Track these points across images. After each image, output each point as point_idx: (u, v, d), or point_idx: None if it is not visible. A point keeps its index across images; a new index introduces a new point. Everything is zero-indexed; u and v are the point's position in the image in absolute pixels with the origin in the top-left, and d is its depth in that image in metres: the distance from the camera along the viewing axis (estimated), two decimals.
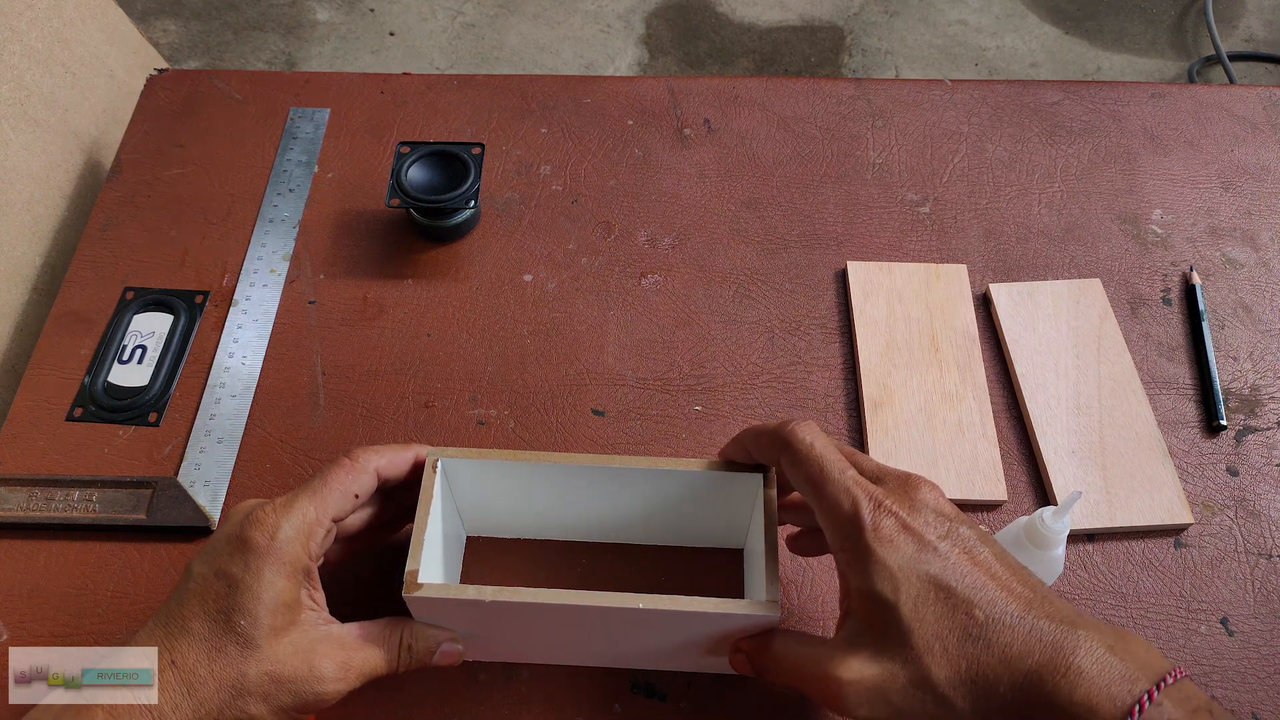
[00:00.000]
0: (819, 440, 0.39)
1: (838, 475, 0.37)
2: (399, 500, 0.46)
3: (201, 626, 0.38)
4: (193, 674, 0.37)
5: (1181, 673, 0.33)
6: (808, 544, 0.46)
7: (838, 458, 0.38)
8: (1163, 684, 0.32)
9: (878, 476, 0.39)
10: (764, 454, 0.42)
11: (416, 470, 0.44)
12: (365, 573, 0.49)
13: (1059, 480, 0.53)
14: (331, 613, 0.42)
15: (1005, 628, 0.34)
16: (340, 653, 0.40)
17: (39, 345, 0.59)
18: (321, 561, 0.41)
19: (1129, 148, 0.68)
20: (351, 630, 0.41)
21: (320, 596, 0.42)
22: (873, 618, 0.35)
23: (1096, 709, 0.32)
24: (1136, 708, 0.31)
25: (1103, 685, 0.32)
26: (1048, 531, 0.43)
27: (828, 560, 0.51)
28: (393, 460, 0.43)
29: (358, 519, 0.44)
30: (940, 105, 0.71)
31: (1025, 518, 0.45)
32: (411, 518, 0.42)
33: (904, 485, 0.38)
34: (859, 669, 0.35)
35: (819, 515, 0.38)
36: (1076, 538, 0.52)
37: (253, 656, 0.38)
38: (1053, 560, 0.45)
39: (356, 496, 0.42)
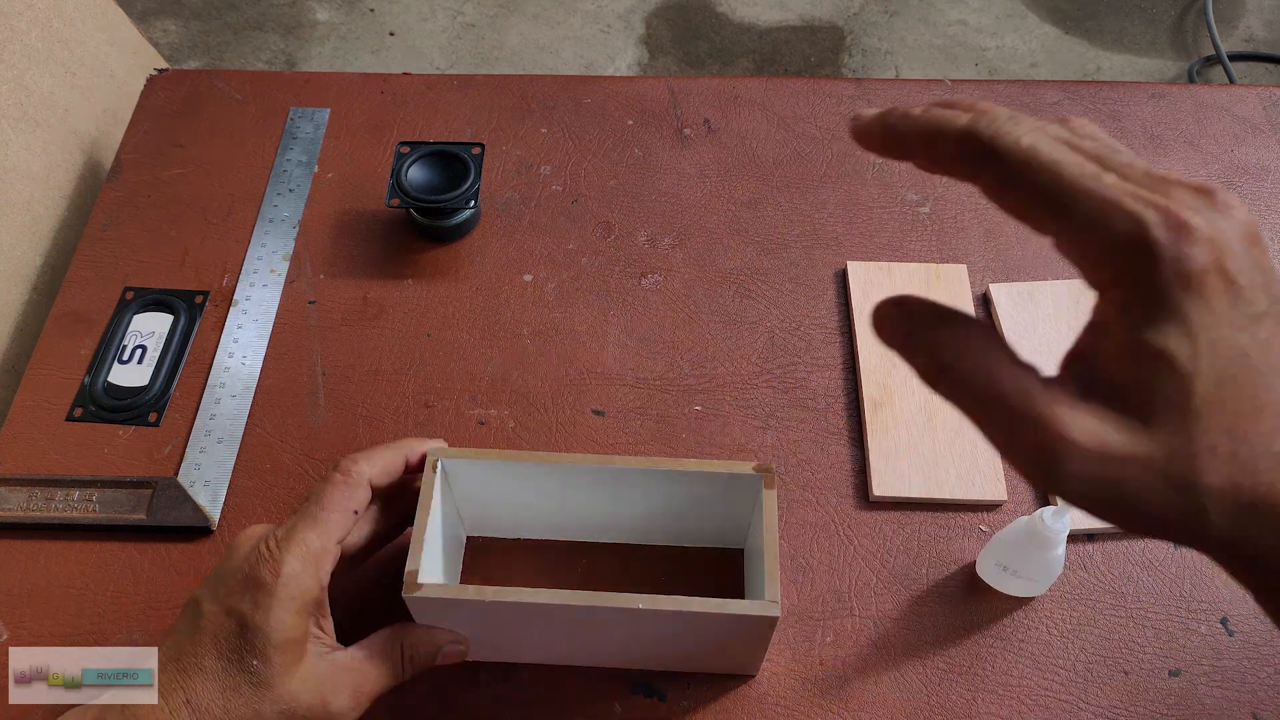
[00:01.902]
0: (1041, 140, 0.25)
1: (1093, 183, 0.24)
2: (398, 507, 0.45)
3: (214, 665, 0.38)
4: (209, 713, 0.37)
5: None
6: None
7: (1078, 160, 0.25)
8: None
9: (1153, 183, 0.25)
10: (940, 160, 0.27)
11: (411, 471, 0.44)
12: (365, 573, 0.49)
13: None
14: (333, 611, 0.42)
15: None
16: (350, 681, 0.40)
17: (39, 345, 0.59)
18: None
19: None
20: (356, 654, 0.41)
21: (328, 624, 0.41)
22: (1143, 380, 0.24)
23: None
24: None
25: None
26: (1048, 531, 0.43)
27: (828, 560, 0.51)
28: (384, 466, 0.43)
29: (359, 534, 0.44)
30: None
31: (1025, 518, 0.45)
32: (411, 524, 0.42)
33: (1209, 201, 0.26)
34: (1097, 431, 0.24)
35: (1065, 241, 0.25)
36: (1076, 537, 0.52)
37: (267, 696, 0.38)
38: (1053, 560, 0.45)
39: (355, 513, 0.41)
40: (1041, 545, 0.44)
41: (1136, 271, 0.24)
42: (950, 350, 0.26)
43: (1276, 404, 0.24)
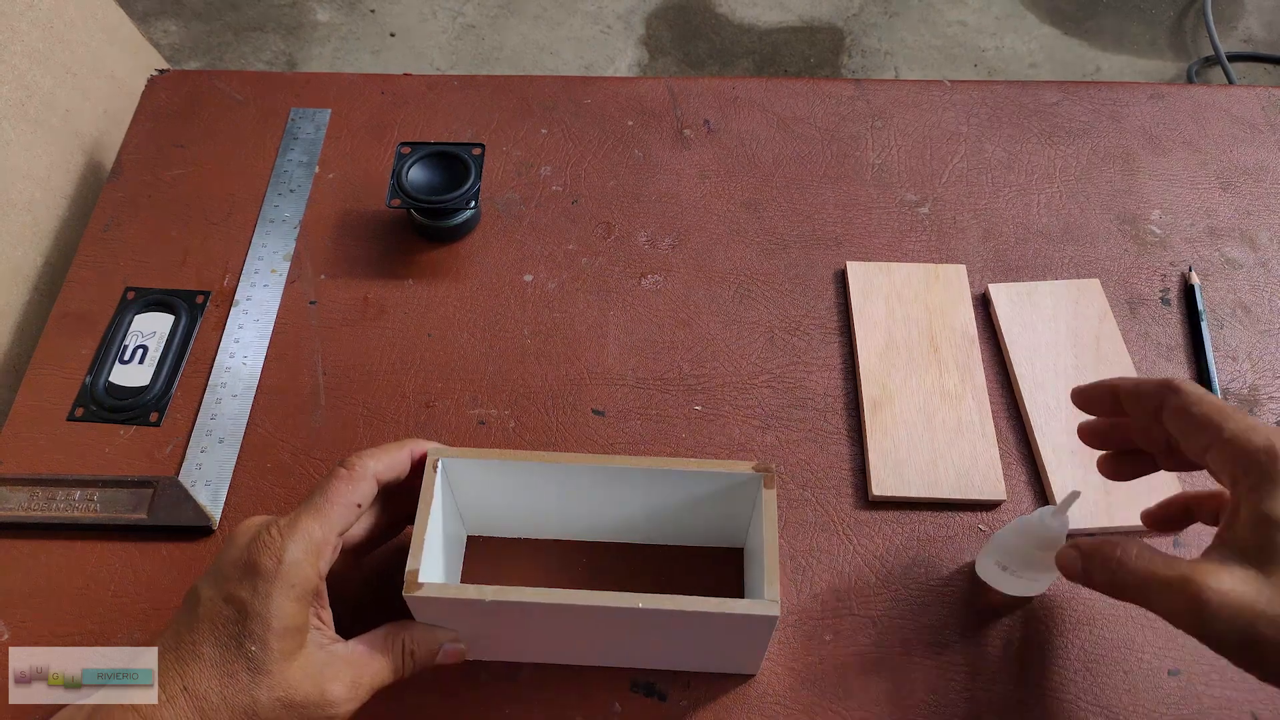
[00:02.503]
0: (1206, 392, 0.39)
1: (1241, 416, 0.37)
2: (399, 504, 0.45)
3: (212, 652, 0.38)
4: (205, 700, 0.37)
5: None
6: (1122, 467, 0.45)
7: (1227, 405, 0.39)
8: None
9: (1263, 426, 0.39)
10: (1140, 404, 0.41)
11: (415, 469, 0.44)
12: (365, 573, 0.49)
13: (1058, 480, 0.53)
14: (333, 611, 0.42)
15: None
16: (349, 672, 0.40)
17: (40, 345, 0.60)
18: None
19: (1128, 148, 0.68)
20: (356, 647, 0.41)
21: (327, 615, 0.42)
22: (1265, 540, 0.34)
23: None
24: None
25: None
26: (1046, 531, 0.43)
27: (828, 560, 0.52)
28: (390, 463, 0.43)
29: (360, 528, 0.44)
30: (939, 106, 0.71)
31: (1024, 517, 0.45)
32: (412, 520, 0.42)
33: None
34: (1232, 583, 0.34)
35: (1214, 452, 0.37)
36: (1076, 538, 0.52)
37: (264, 682, 0.38)
38: (1052, 560, 0.45)
39: (359, 506, 0.42)
40: (1041, 545, 0.44)
41: (1265, 468, 0.35)
42: (1105, 557, 0.38)
43: None
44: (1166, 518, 0.46)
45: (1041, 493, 0.54)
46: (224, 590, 0.38)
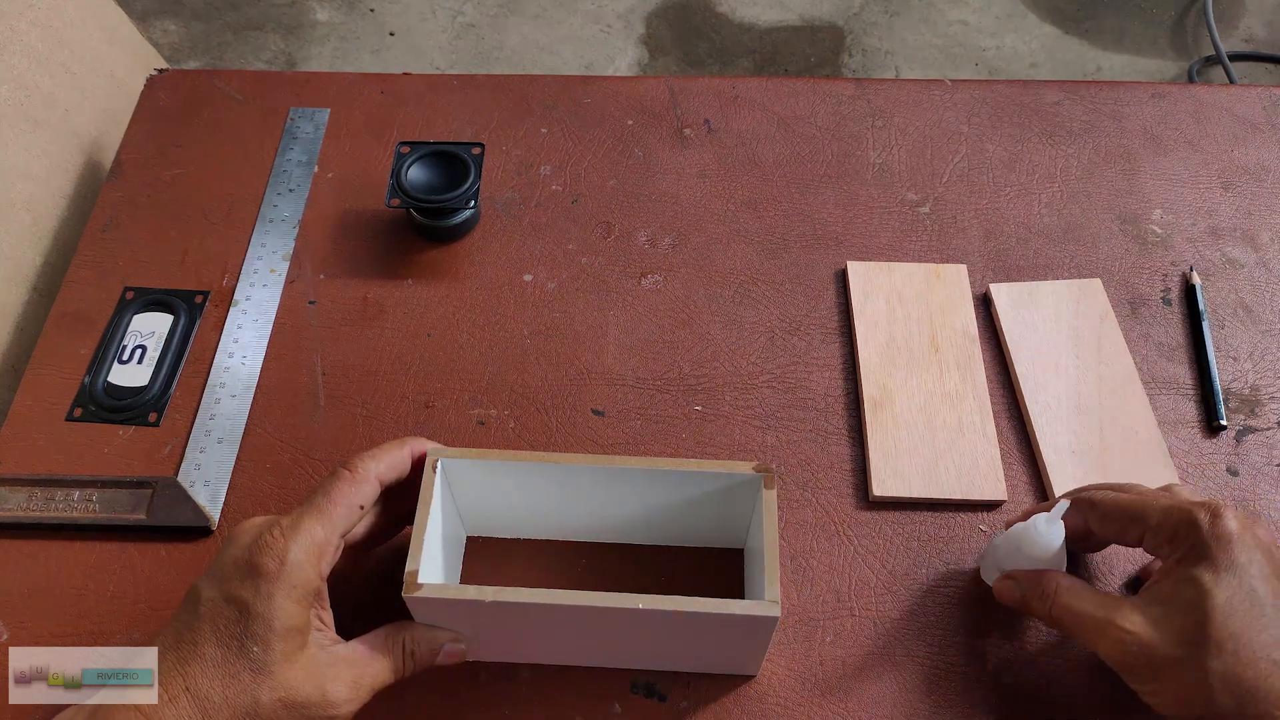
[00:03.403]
0: (1114, 494, 0.44)
1: (1154, 499, 0.43)
2: (399, 504, 0.45)
3: (214, 652, 0.38)
4: (207, 700, 0.37)
5: None
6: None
7: (1137, 497, 0.44)
8: None
9: (1185, 496, 0.44)
10: (1106, 527, 0.44)
11: (416, 468, 0.44)
12: (365, 573, 0.49)
13: (1059, 480, 0.53)
14: (334, 613, 0.42)
15: None
16: (349, 673, 0.40)
17: (39, 345, 0.59)
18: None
19: (1129, 148, 0.68)
20: (356, 647, 0.41)
21: (328, 615, 0.42)
22: (1181, 595, 0.39)
23: None
24: None
25: None
26: (1040, 538, 0.44)
27: (828, 560, 0.51)
28: (391, 463, 0.43)
29: (360, 527, 0.44)
30: (940, 105, 0.71)
31: (1020, 524, 0.45)
32: (412, 520, 0.42)
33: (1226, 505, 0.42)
34: (1140, 623, 0.39)
35: (1149, 538, 0.42)
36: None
37: (266, 683, 0.38)
38: (1051, 562, 0.45)
39: (361, 508, 0.41)
40: (1036, 551, 0.44)
41: (1191, 539, 0.40)
42: (1041, 593, 0.44)
43: (1274, 629, 0.38)
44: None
45: (1042, 493, 0.54)
46: (225, 590, 0.38)
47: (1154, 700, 0.40)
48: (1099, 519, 0.44)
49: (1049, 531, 0.43)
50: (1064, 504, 0.44)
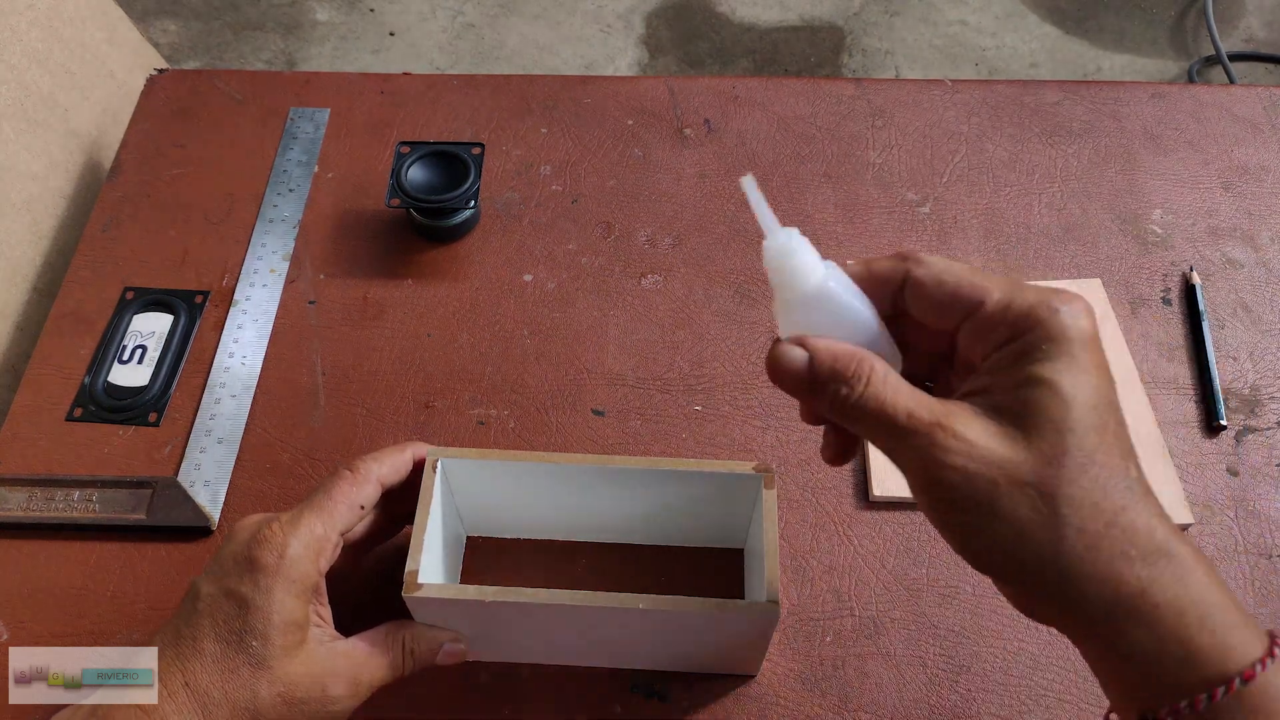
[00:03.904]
0: (952, 261, 0.32)
1: (1000, 278, 0.31)
2: (399, 504, 0.45)
3: (213, 647, 0.38)
4: (207, 696, 0.37)
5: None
6: (841, 449, 0.35)
7: (980, 270, 0.32)
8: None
9: (1030, 286, 0.32)
10: (881, 289, 0.33)
11: (417, 471, 0.44)
12: (365, 573, 0.49)
13: None
14: (333, 611, 0.42)
15: (1153, 500, 0.29)
16: (349, 669, 0.40)
17: (39, 345, 0.59)
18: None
19: (1129, 148, 0.68)
20: (356, 644, 0.41)
21: (326, 612, 0.42)
22: (1032, 405, 0.29)
23: (1241, 620, 0.28)
24: (1275, 647, 0.28)
25: (1236, 601, 0.29)
26: (779, 258, 0.33)
27: (828, 560, 0.51)
28: (393, 466, 0.43)
29: (360, 527, 0.44)
30: (940, 105, 0.71)
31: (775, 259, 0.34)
32: (412, 520, 0.42)
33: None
34: (981, 432, 0.29)
35: (975, 322, 0.31)
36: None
37: (265, 678, 0.38)
38: (828, 311, 0.32)
39: (362, 508, 0.42)
40: (791, 283, 0.33)
41: (1043, 327, 0.29)
42: (861, 387, 0.30)
43: (1123, 444, 0.29)
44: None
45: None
46: (224, 586, 0.38)
47: (980, 544, 0.29)
48: (917, 285, 0.32)
49: (782, 245, 0.33)
50: (749, 180, 0.33)
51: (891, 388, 0.30)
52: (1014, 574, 0.29)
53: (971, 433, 0.29)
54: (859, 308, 0.32)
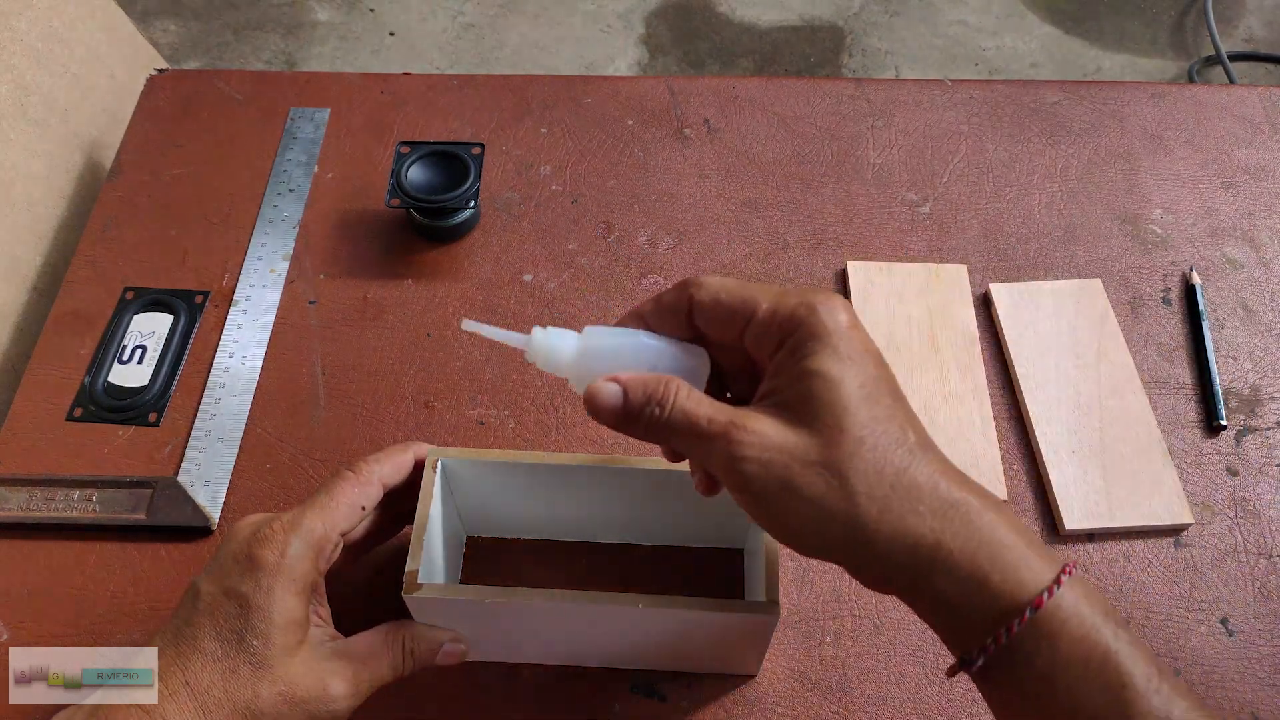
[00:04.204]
0: (726, 278, 0.36)
1: (768, 287, 0.35)
2: (399, 504, 0.45)
3: (214, 646, 0.38)
4: (207, 695, 0.37)
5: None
6: (710, 479, 0.37)
7: (751, 282, 0.36)
8: (1074, 566, 0.32)
9: (795, 287, 0.36)
10: (670, 319, 0.37)
11: (418, 471, 0.44)
12: (365, 573, 0.49)
13: (1058, 479, 0.53)
14: (333, 612, 0.42)
15: (937, 457, 0.33)
16: (349, 668, 0.40)
17: (39, 345, 0.59)
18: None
19: (1129, 148, 0.68)
20: (356, 644, 0.41)
21: (326, 611, 0.42)
22: (809, 396, 0.32)
23: (1028, 557, 0.31)
24: (1067, 570, 0.31)
25: (1028, 540, 0.32)
26: (539, 356, 0.36)
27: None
28: (395, 466, 0.43)
29: (360, 528, 0.44)
30: (940, 105, 0.71)
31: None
32: (412, 520, 0.42)
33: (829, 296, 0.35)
34: (770, 425, 0.32)
35: (754, 329, 0.34)
36: (1076, 537, 0.52)
37: (266, 677, 0.38)
38: (603, 360, 0.36)
39: (363, 509, 0.41)
40: (642, 350, 0.36)
41: (806, 326, 0.33)
42: (667, 408, 0.34)
43: (899, 414, 0.33)
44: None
45: (1043, 492, 0.54)
46: (224, 585, 0.38)
47: (792, 527, 0.32)
48: (698, 307, 0.35)
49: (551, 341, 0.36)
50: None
51: (694, 401, 0.33)
52: (830, 549, 0.32)
53: (763, 428, 0.32)
54: (628, 343, 0.36)
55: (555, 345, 0.36)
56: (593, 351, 0.36)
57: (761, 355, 0.35)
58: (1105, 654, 0.30)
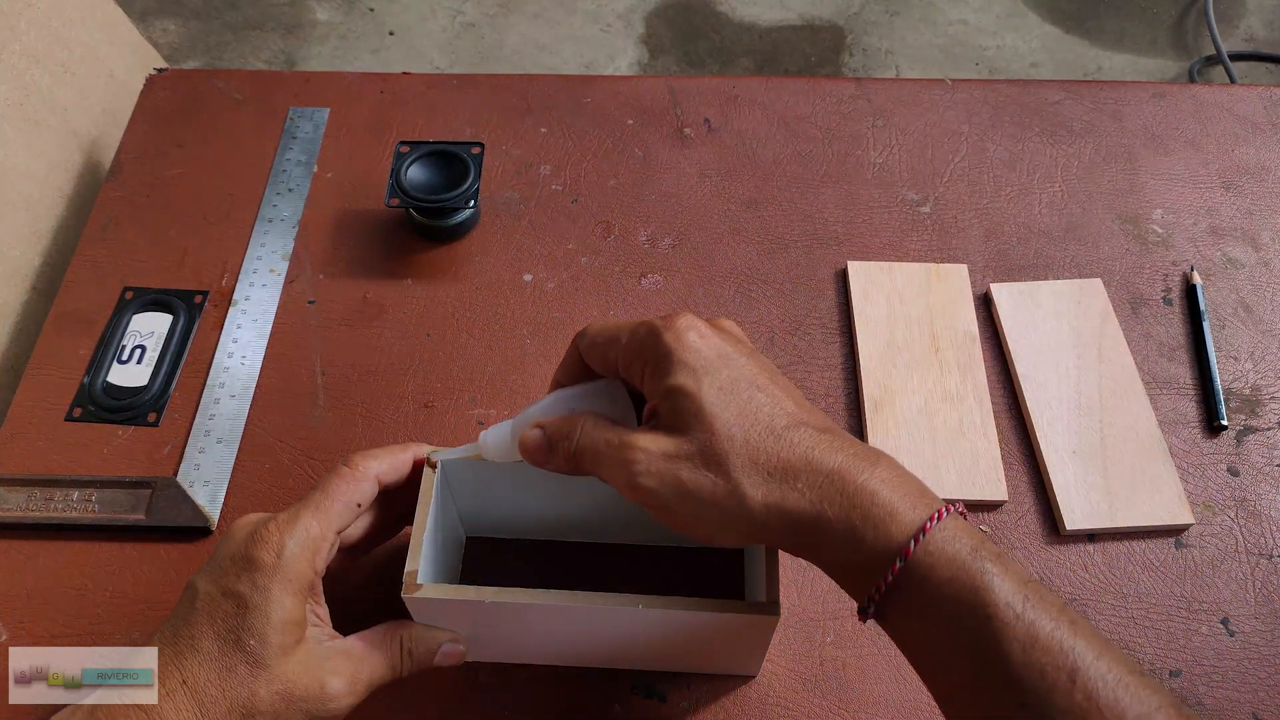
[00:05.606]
0: (606, 321, 0.41)
1: (634, 322, 0.39)
2: (398, 505, 0.45)
3: (211, 646, 0.38)
4: (204, 694, 0.37)
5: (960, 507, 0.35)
6: None
7: (613, 323, 0.40)
8: (950, 508, 0.34)
9: (649, 318, 0.40)
10: (574, 373, 0.42)
11: (416, 471, 0.44)
12: (364, 573, 0.49)
13: (1059, 480, 0.53)
14: (332, 613, 0.42)
15: (808, 433, 0.35)
16: (347, 667, 0.40)
17: (39, 345, 0.59)
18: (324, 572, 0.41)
19: (1130, 147, 0.68)
20: (354, 643, 0.41)
21: (324, 611, 0.42)
22: (676, 410, 0.36)
23: (896, 511, 0.34)
24: (937, 515, 0.33)
25: (902, 493, 0.34)
26: (492, 453, 0.41)
27: None
28: (392, 464, 0.43)
29: (358, 528, 0.44)
30: (941, 105, 0.71)
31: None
32: (411, 521, 0.42)
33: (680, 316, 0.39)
34: (656, 443, 0.36)
35: (622, 360, 0.39)
36: (1077, 538, 0.52)
37: (263, 676, 0.37)
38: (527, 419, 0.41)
39: (359, 506, 0.41)
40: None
41: (652, 344, 0.37)
42: (574, 440, 0.38)
43: (764, 403, 0.36)
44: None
45: (1043, 492, 0.54)
46: (222, 584, 0.38)
47: (695, 526, 0.36)
48: (586, 353, 0.40)
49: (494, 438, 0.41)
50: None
51: (599, 430, 0.38)
52: (740, 538, 0.36)
53: (649, 444, 0.36)
54: (548, 400, 0.41)
55: (498, 434, 0.41)
56: (526, 420, 0.40)
57: (636, 382, 0.38)
58: (974, 589, 0.32)
